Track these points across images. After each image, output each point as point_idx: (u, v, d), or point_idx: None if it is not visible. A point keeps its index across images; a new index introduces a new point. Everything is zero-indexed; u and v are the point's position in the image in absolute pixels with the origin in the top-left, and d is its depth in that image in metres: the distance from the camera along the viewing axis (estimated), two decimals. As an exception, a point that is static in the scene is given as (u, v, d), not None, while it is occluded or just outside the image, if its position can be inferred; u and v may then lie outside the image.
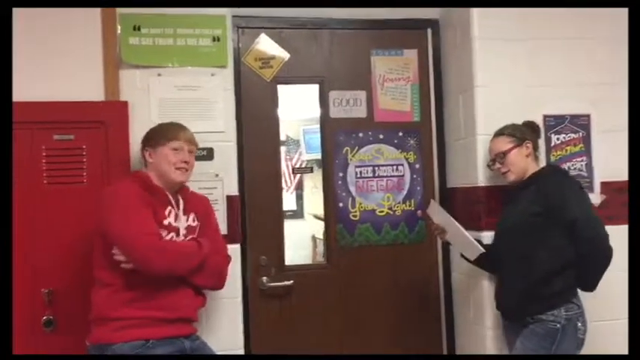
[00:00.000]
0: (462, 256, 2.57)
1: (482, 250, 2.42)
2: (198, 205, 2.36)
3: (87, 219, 2.39)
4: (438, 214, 2.52)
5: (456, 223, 2.45)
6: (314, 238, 5.31)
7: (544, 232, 2.28)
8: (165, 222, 2.19)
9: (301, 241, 5.46)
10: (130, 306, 2.10)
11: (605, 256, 2.23)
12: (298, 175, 5.67)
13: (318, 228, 4.86)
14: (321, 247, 5.17)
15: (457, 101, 2.87)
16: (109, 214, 2.10)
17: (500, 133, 2.49)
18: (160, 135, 2.24)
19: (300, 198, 5.75)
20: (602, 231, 2.24)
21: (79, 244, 2.41)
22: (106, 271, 2.12)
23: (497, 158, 2.46)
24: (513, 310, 2.36)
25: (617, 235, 2.57)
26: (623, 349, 2.65)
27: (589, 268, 2.26)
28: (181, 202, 2.29)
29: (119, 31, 2.54)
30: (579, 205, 2.26)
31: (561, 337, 2.21)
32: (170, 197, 2.25)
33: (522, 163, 2.42)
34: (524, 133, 2.46)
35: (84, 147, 2.46)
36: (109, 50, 2.52)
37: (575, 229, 2.23)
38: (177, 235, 2.23)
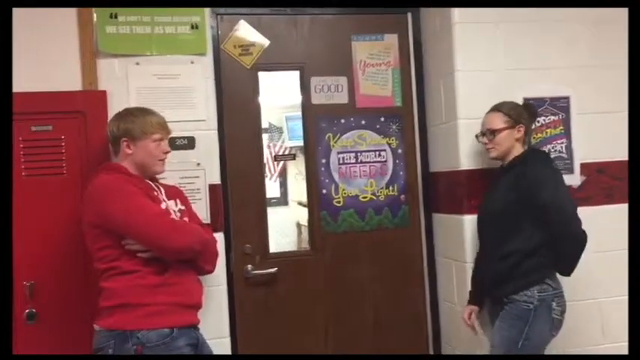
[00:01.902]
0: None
1: None
2: (176, 192, 2.38)
3: (68, 210, 2.38)
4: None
5: None
6: (299, 225, 5.31)
7: (518, 215, 2.30)
8: (163, 206, 2.20)
9: (286, 228, 5.46)
10: (157, 292, 2.09)
11: (577, 241, 2.25)
12: (282, 163, 5.67)
13: (303, 215, 4.87)
14: (306, 234, 5.16)
15: (438, 86, 2.88)
16: (114, 206, 2.07)
17: (497, 109, 2.46)
18: (139, 127, 2.20)
19: (283, 185, 5.75)
20: (572, 216, 2.25)
21: (61, 236, 2.40)
22: (122, 260, 2.10)
23: (486, 133, 2.45)
24: (491, 291, 2.39)
25: (595, 216, 2.62)
26: (597, 329, 2.71)
27: (561, 253, 2.28)
28: (161, 188, 2.29)
29: (95, 20, 2.50)
30: (552, 190, 2.26)
31: (534, 317, 2.24)
32: (152, 185, 2.25)
33: (509, 144, 2.42)
34: (520, 115, 2.44)
35: (62, 137, 2.44)
36: (86, 39, 2.48)
37: (546, 213, 2.25)
38: None
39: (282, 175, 5.73)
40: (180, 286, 2.15)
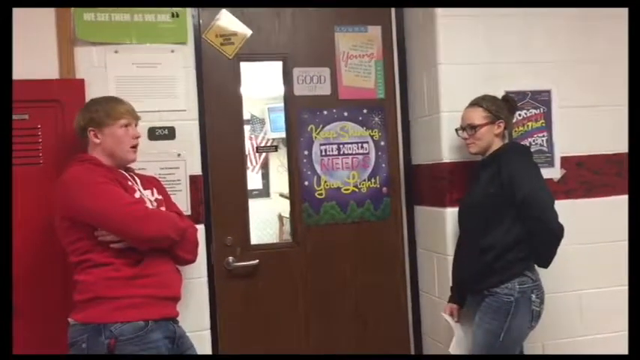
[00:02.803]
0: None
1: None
2: (152, 182, 2.34)
3: (44, 201, 2.32)
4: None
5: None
6: (280, 217, 5.31)
7: (498, 209, 2.31)
8: (137, 195, 2.16)
9: (268, 219, 5.45)
10: (131, 284, 2.05)
11: (553, 234, 2.25)
12: (264, 154, 5.65)
13: (285, 207, 4.86)
14: (288, 226, 5.17)
15: (421, 78, 2.87)
16: (83, 198, 2.03)
17: (477, 104, 2.45)
18: (104, 114, 2.15)
19: (265, 177, 5.73)
20: (549, 211, 2.25)
21: (37, 228, 2.35)
22: (95, 252, 2.06)
23: (467, 128, 2.44)
24: (472, 284, 2.39)
25: (574, 209, 2.66)
26: (576, 321, 2.74)
27: (538, 246, 2.29)
28: (136, 178, 2.26)
29: (73, 7, 2.44)
30: (528, 184, 2.27)
31: (515, 309, 2.25)
32: (126, 174, 2.22)
33: (489, 140, 2.43)
34: (499, 110, 2.44)
35: (39, 127, 2.38)
36: (63, 26, 2.42)
37: (523, 207, 2.25)
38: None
39: (265, 167, 5.71)
40: (156, 278, 2.12)
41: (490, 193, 2.32)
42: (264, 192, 5.74)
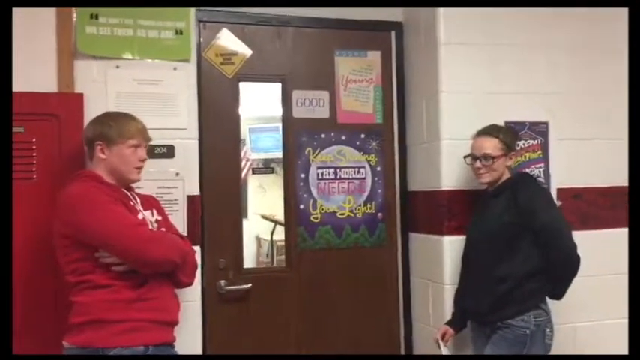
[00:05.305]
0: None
1: None
2: (152, 202, 2.28)
3: (37, 216, 2.25)
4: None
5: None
6: (258, 239, 5.24)
7: (515, 239, 2.30)
8: (140, 216, 2.10)
9: (245, 242, 5.37)
10: (132, 307, 1.98)
11: (572, 264, 2.27)
12: (242, 175, 5.57)
13: (263, 228, 4.81)
14: (265, 248, 5.11)
15: (421, 105, 2.87)
16: (87, 217, 1.96)
17: (492, 134, 2.44)
18: (115, 132, 2.09)
19: (243, 198, 5.65)
20: (569, 240, 2.28)
21: (28, 244, 2.25)
22: (96, 273, 1.98)
23: (481, 158, 2.42)
24: (484, 315, 2.37)
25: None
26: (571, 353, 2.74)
27: (556, 276, 2.30)
28: (137, 198, 2.19)
29: (75, 19, 2.39)
30: (548, 213, 2.30)
31: (530, 343, 2.24)
32: (128, 194, 2.15)
33: (502, 170, 2.43)
34: (512, 143, 2.46)
35: (34, 140, 2.30)
36: (64, 39, 2.37)
37: (543, 237, 2.26)
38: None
39: (242, 187, 5.63)
40: (156, 302, 2.05)
41: (506, 222, 2.32)
42: (242, 213, 5.66)
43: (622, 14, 2.70)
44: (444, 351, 2.49)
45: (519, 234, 2.29)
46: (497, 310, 2.30)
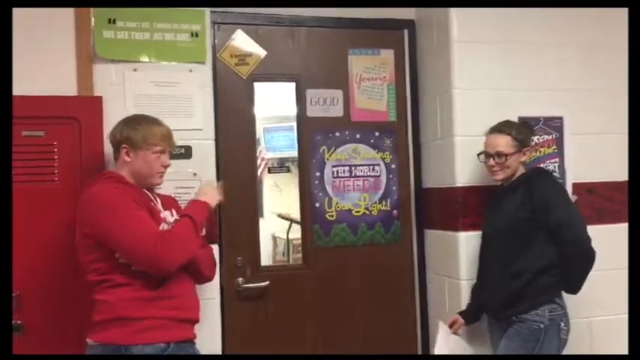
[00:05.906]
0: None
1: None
2: (171, 202, 2.32)
3: (59, 219, 2.31)
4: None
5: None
6: (274, 237, 5.27)
7: (530, 234, 2.32)
8: (162, 215, 2.15)
9: (261, 240, 5.40)
10: (152, 305, 2.02)
11: (587, 259, 2.28)
12: (258, 173, 5.61)
13: (279, 227, 4.83)
14: (281, 247, 5.14)
15: (434, 102, 2.89)
16: (103, 218, 2.00)
17: (504, 132, 2.44)
18: (141, 137, 2.12)
19: (259, 196, 5.69)
20: (584, 234, 2.28)
21: (50, 246, 2.31)
22: (115, 273, 2.02)
23: (495, 156, 2.42)
24: (499, 310, 2.38)
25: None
26: (585, 350, 2.74)
27: (572, 271, 2.30)
28: (158, 199, 2.23)
29: (93, 24, 2.44)
30: (563, 208, 2.31)
31: (544, 337, 2.25)
32: (150, 195, 2.20)
33: (516, 167, 2.44)
34: (526, 138, 2.46)
35: (55, 144, 2.36)
36: (83, 43, 2.42)
37: (558, 231, 2.27)
38: None
39: (258, 186, 5.66)
40: (176, 300, 2.09)
41: (521, 218, 2.33)
42: (259, 211, 5.69)
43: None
44: (440, 337, 2.51)
45: (534, 229, 2.31)
46: (512, 305, 2.31)
